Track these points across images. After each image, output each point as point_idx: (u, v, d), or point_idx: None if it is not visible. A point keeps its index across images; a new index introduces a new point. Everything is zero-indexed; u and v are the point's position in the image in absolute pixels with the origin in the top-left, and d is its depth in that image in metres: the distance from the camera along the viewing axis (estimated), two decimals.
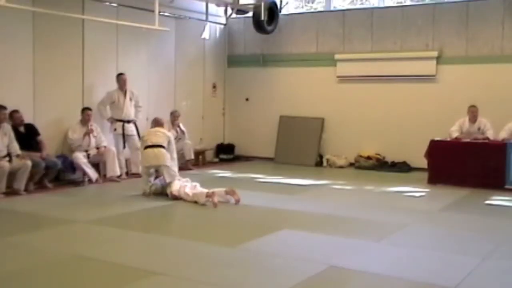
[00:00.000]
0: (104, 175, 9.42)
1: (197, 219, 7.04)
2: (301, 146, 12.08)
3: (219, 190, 7.86)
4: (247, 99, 12.84)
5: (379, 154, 11.38)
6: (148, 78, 10.93)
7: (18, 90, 8.72)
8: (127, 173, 9.96)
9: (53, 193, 8.37)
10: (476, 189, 8.90)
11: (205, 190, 7.83)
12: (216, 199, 7.58)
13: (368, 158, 11.33)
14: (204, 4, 11.85)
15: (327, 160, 11.79)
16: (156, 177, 8.29)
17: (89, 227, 6.52)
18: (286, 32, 12.31)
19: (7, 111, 8.27)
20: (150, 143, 8.21)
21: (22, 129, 8.52)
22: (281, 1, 12.11)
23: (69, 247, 5.71)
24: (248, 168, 11.32)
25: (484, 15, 10.44)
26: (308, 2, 12.75)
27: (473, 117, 9.68)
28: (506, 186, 8.90)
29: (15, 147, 8.13)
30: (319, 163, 11.87)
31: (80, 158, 8.98)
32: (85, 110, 9.31)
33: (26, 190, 8.22)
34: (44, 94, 9.06)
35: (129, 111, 9.89)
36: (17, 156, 8.09)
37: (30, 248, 5.57)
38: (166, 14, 10.95)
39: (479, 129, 9.65)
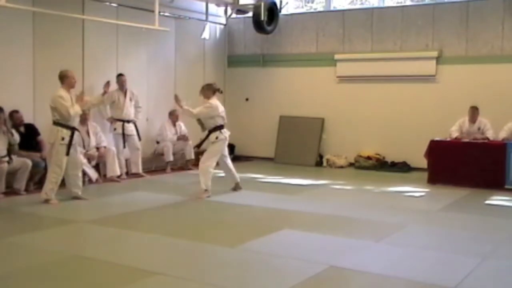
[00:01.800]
0: (104, 175, 9.43)
1: (197, 219, 7.05)
2: (301, 146, 12.08)
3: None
4: (247, 99, 12.84)
5: (379, 154, 11.38)
6: (148, 78, 10.93)
7: (18, 90, 8.72)
8: (127, 173, 9.97)
9: None
10: (476, 189, 8.90)
11: (209, 183, 8.19)
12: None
13: (368, 158, 11.33)
14: (204, 4, 11.85)
15: (327, 160, 11.79)
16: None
17: (89, 227, 6.52)
18: (286, 32, 12.31)
19: (7, 112, 8.28)
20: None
21: (22, 129, 8.52)
22: (281, 1, 12.11)
23: (69, 247, 5.72)
24: (248, 168, 11.31)
25: (484, 15, 10.44)
26: (308, 2, 12.75)
27: (473, 117, 9.69)
28: (506, 186, 8.91)
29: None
30: (319, 163, 11.87)
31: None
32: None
33: (26, 190, 8.23)
34: (44, 94, 9.02)
35: (129, 111, 9.89)
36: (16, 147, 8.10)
37: (30, 248, 5.57)
38: (166, 14, 10.95)
39: (479, 129, 9.66)
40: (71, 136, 7.56)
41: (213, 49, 12.59)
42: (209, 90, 8.40)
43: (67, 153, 7.55)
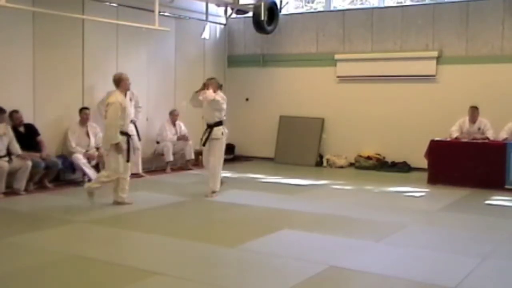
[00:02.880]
0: None
1: (197, 219, 7.04)
2: (301, 146, 12.08)
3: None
4: (247, 99, 12.84)
5: (379, 154, 11.38)
6: (148, 78, 10.92)
7: (18, 90, 8.72)
8: None
9: (53, 193, 8.37)
10: (476, 189, 8.90)
11: (218, 184, 8.23)
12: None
13: (368, 158, 11.33)
14: (204, 4, 11.84)
15: (327, 160, 11.79)
16: None
17: (89, 227, 6.52)
18: (286, 32, 12.31)
19: (7, 112, 8.28)
20: None
21: (22, 129, 8.52)
22: (281, 1, 12.11)
23: (69, 247, 5.72)
24: (248, 168, 11.31)
25: (484, 15, 10.44)
26: (308, 2, 12.75)
27: (473, 117, 9.69)
28: (506, 186, 8.90)
29: (16, 147, 8.14)
30: (319, 163, 11.87)
31: (80, 158, 8.96)
32: (83, 110, 9.28)
33: (26, 190, 8.23)
34: (44, 94, 9.06)
35: (129, 111, 9.86)
36: (18, 156, 8.09)
37: (30, 248, 5.57)
38: (166, 14, 10.95)
39: (479, 129, 9.66)
40: (128, 143, 7.52)
41: (213, 49, 12.59)
42: (216, 83, 8.47)
43: (128, 160, 7.54)
